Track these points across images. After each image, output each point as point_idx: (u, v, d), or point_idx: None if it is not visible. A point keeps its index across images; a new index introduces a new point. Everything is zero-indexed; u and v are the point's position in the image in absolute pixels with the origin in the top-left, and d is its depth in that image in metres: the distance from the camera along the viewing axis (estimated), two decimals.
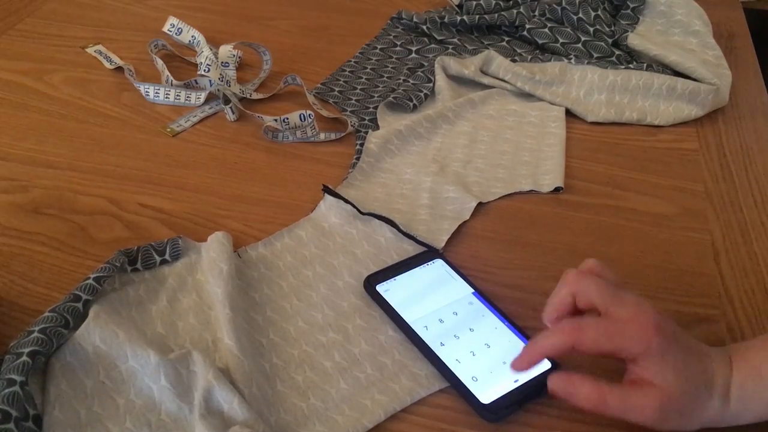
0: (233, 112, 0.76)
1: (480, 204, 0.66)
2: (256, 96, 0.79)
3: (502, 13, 0.90)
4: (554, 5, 0.88)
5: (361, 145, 0.71)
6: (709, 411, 0.45)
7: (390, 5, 1.01)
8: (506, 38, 0.91)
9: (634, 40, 0.84)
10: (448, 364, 0.50)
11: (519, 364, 0.47)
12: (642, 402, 0.43)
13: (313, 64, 0.86)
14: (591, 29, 0.86)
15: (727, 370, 0.45)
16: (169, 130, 0.74)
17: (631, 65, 0.81)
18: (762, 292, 0.59)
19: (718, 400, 0.45)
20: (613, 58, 0.84)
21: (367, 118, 0.76)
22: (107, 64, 0.83)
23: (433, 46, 0.90)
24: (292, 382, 0.50)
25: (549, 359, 0.51)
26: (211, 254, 0.56)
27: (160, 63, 0.81)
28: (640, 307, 0.45)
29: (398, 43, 0.91)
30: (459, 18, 0.90)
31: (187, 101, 0.78)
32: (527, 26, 0.88)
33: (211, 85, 0.78)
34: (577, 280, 0.47)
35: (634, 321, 0.44)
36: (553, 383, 0.45)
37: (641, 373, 0.44)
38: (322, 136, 0.73)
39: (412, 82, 0.81)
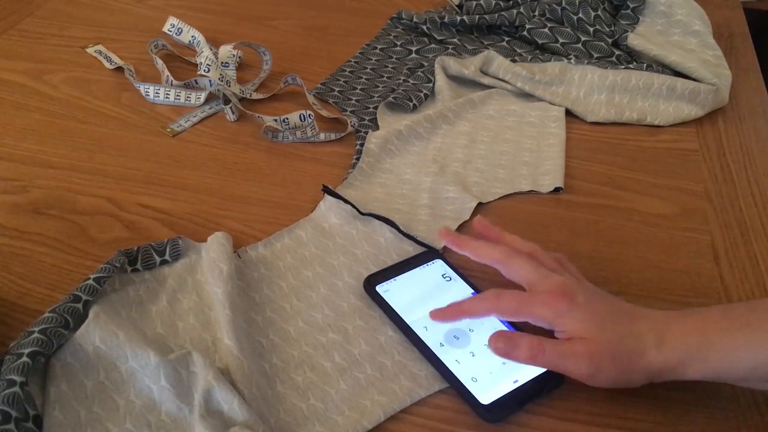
0: (233, 112, 0.76)
1: (480, 204, 0.66)
2: (256, 96, 0.79)
3: (502, 13, 0.90)
4: (554, 5, 0.88)
5: (361, 145, 0.71)
6: (645, 361, 0.46)
7: (390, 5, 1.01)
8: (506, 38, 0.91)
9: (634, 40, 0.84)
10: (447, 365, 0.50)
11: (436, 315, 0.52)
12: (574, 348, 0.47)
13: (313, 64, 0.86)
14: (591, 29, 0.86)
15: (663, 323, 0.47)
16: (169, 130, 0.74)
17: (631, 65, 0.81)
18: (762, 293, 0.59)
19: (654, 350, 0.46)
20: (613, 58, 0.84)
21: (367, 118, 0.76)
22: (107, 64, 0.83)
23: (433, 46, 0.90)
24: (292, 383, 0.50)
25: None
26: (211, 255, 0.56)
27: (160, 63, 0.81)
28: (557, 282, 0.50)
29: (398, 43, 0.91)
30: (459, 18, 0.90)
31: (187, 101, 0.78)
32: (527, 26, 0.88)
33: (211, 85, 0.78)
34: (509, 257, 0.52)
35: (546, 292, 0.49)
36: (495, 342, 0.49)
37: (563, 334, 0.48)
38: (322, 136, 0.73)
39: (412, 82, 0.81)
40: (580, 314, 0.48)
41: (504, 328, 0.53)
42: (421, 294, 0.55)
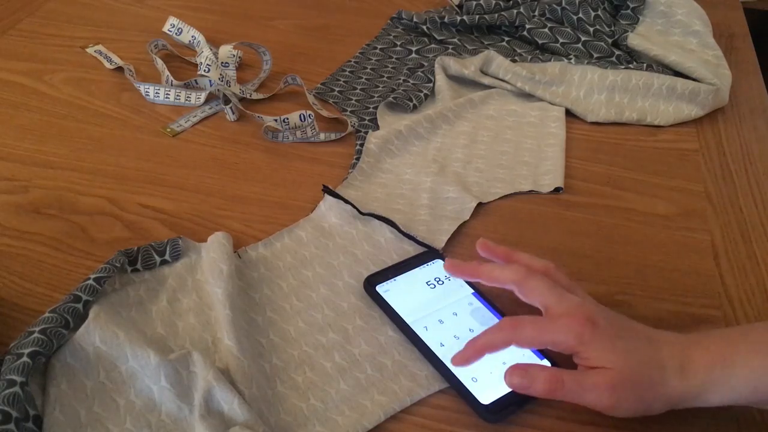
0: (233, 113, 0.76)
1: (480, 204, 0.66)
2: (256, 96, 0.79)
3: (502, 13, 0.90)
4: (554, 5, 0.88)
5: (361, 145, 0.71)
6: (668, 389, 0.45)
7: (390, 5, 1.01)
8: (506, 38, 0.91)
9: (634, 40, 0.84)
10: (447, 365, 0.50)
11: (459, 360, 0.48)
12: (595, 380, 0.45)
13: (313, 64, 0.86)
14: (591, 29, 0.86)
15: (684, 350, 0.46)
16: (169, 130, 0.74)
17: (631, 65, 0.81)
18: (762, 292, 0.59)
19: (675, 378, 0.45)
20: (613, 58, 0.84)
21: (367, 118, 0.76)
22: (107, 64, 0.83)
23: (433, 46, 0.90)
24: (292, 383, 0.50)
25: (550, 361, 0.51)
26: (211, 255, 0.56)
27: (160, 63, 0.81)
28: (577, 304, 0.48)
29: (398, 43, 0.91)
30: (459, 18, 0.90)
31: (187, 101, 0.78)
32: (527, 26, 0.88)
33: (211, 85, 0.78)
34: (525, 277, 0.50)
35: (566, 315, 0.47)
36: (510, 377, 0.47)
37: (586, 362, 0.46)
38: (322, 136, 0.73)
39: (412, 82, 0.81)
40: (604, 342, 0.45)
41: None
42: (421, 294, 0.55)
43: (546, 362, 0.50)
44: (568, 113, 0.79)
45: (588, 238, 0.64)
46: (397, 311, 0.54)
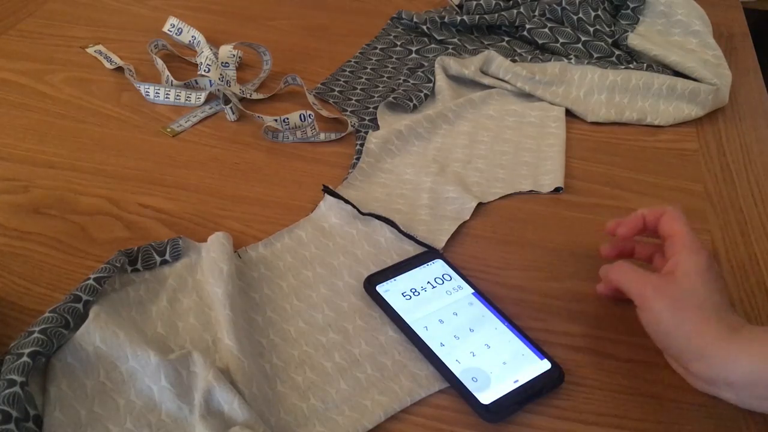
0: (233, 112, 0.76)
1: (480, 204, 0.66)
2: (256, 96, 0.79)
3: (502, 13, 0.90)
4: (554, 5, 0.88)
5: (361, 145, 0.71)
6: (707, 339, 0.45)
7: (390, 5, 1.01)
8: (506, 38, 0.91)
9: (634, 40, 0.84)
10: (448, 365, 0.50)
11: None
12: (658, 282, 0.48)
13: (313, 64, 0.86)
14: (591, 29, 0.86)
15: (743, 324, 0.47)
16: (169, 130, 0.74)
17: (631, 65, 0.81)
18: (762, 292, 0.59)
19: (725, 329, 0.45)
20: (613, 58, 0.84)
21: (367, 118, 0.76)
22: (107, 64, 0.83)
23: (433, 46, 0.90)
24: (293, 383, 0.50)
25: (551, 361, 0.51)
26: (212, 254, 0.56)
27: (160, 63, 0.81)
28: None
29: (398, 43, 0.91)
30: (459, 18, 0.91)
31: (187, 101, 0.78)
32: (527, 26, 0.88)
33: (211, 85, 0.78)
34: (681, 227, 0.51)
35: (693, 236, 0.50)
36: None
37: (674, 257, 0.49)
38: (322, 136, 0.73)
39: (412, 82, 0.81)
40: (700, 254, 0.48)
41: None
42: (421, 294, 0.55)
43: (546, 362, 0.50)
44: (568, 113, 0.79)
45: (588, 238, 0.64)
46: (397, 311, 0.54)
